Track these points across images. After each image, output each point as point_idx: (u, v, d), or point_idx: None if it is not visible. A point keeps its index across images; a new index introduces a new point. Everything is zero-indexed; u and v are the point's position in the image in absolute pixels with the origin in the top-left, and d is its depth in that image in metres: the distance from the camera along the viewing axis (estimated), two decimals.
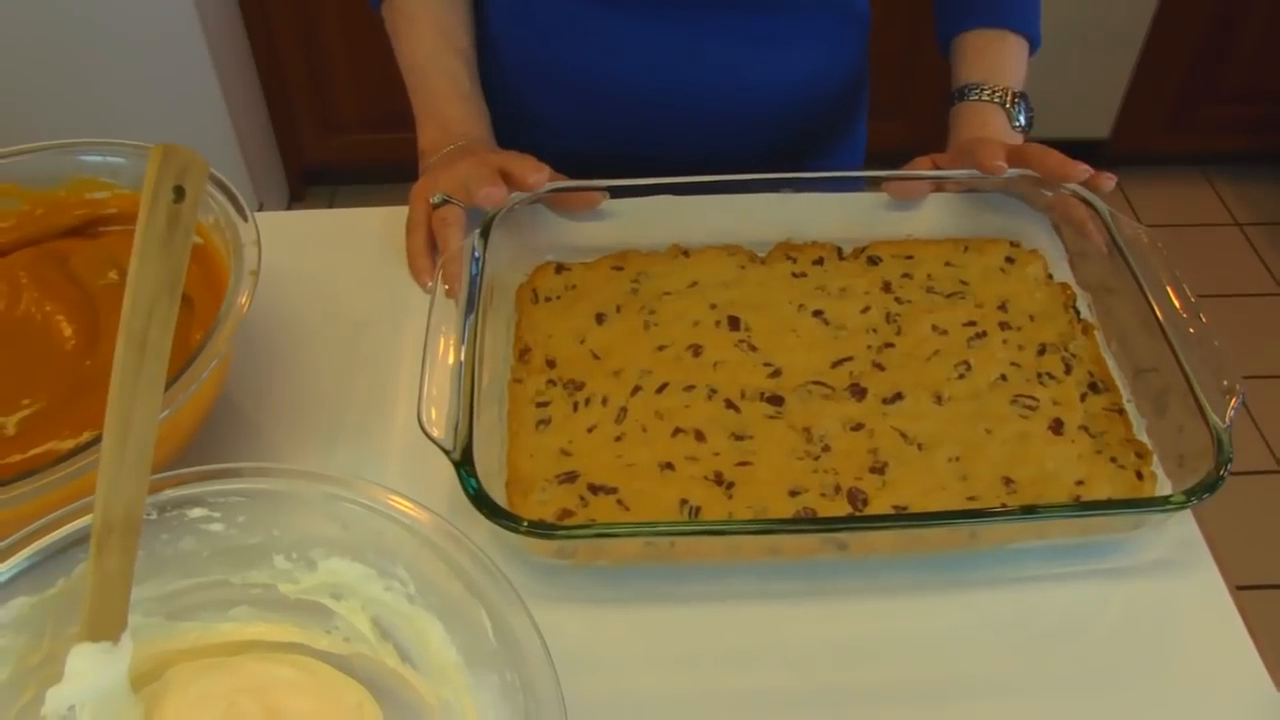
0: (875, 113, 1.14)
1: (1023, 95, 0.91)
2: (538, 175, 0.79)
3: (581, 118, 0.98)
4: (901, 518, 0.62)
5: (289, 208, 2.53)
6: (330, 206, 2.58)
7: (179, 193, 0.56)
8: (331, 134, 2.43)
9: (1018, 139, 0.90)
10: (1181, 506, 0.60)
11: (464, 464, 0.61)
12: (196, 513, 0.56)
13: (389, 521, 0.54)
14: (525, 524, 0.59)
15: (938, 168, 0.87)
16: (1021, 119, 0.90)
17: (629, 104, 0.96)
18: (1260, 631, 0.63)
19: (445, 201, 0.82)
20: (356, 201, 2.57)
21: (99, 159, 0.77)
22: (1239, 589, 0.65)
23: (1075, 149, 0.82)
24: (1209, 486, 0.61)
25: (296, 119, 2.39)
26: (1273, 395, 2.09)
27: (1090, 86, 2.30)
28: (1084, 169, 0.78)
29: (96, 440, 0.56)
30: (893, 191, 0.85)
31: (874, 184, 0.86)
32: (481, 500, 0.59)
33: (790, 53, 0.95)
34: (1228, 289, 2.29)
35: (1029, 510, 0.61)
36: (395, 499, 0.55)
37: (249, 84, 2.29)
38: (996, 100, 0.90)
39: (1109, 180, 0.78)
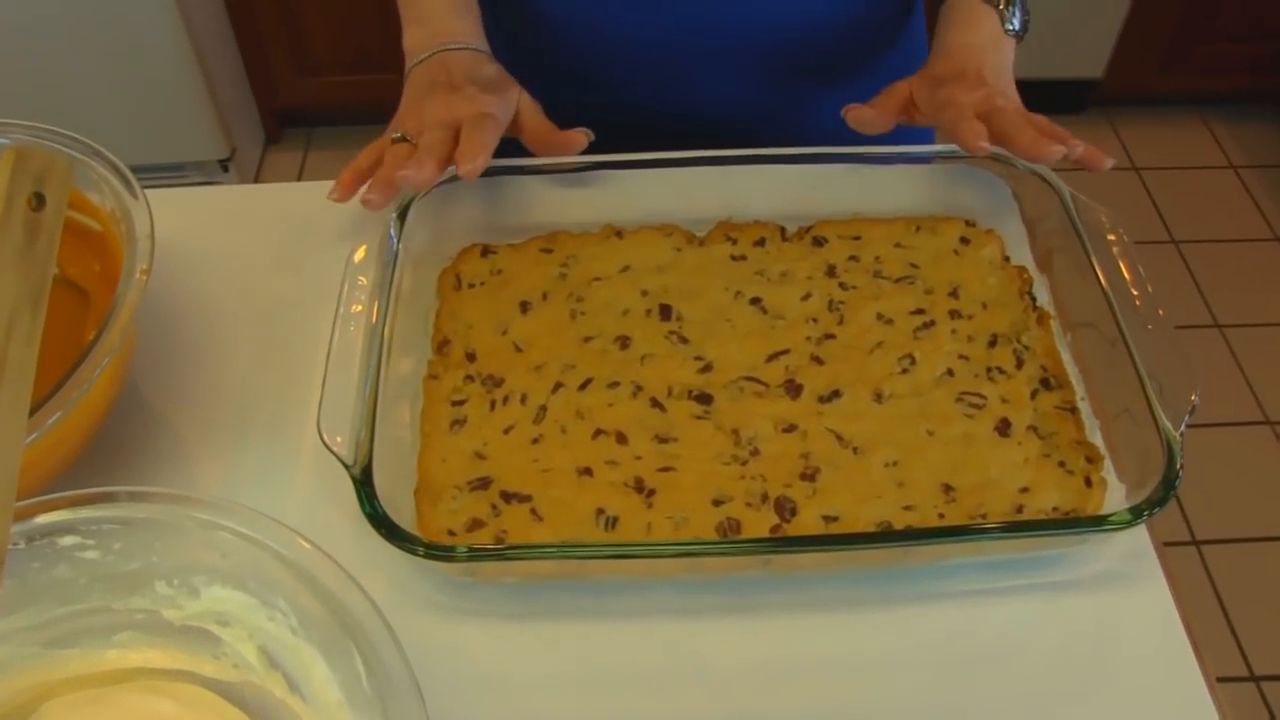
0: None
1: None
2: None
3: (582, 68, 0.93)
4: (823, 539, 0.58)
5: (265, 150, 2.49)
6: (307, 148, 2.54)
7: (40, 199, 0.51)
8: (305, 76, 2.37)
9: (1009, 45, 0.82)
10: (1126, 525, 0.56)
11: (363, 483, 0.57)
12: (69, 540, 0.52)
13: (264, 552, 0.50)
14: (424, 549, 0.55)
15: (913, 101, 0.79)
16: (1015, 22, 0.81)
17: (629, 52, 0.91)
18: (1226, 586, 0.60)
19: (404, 139, 0.76)
20: (333, 142, 2.55)
21: None
22: (1205, 542, 0.62)
23: (1068, 89, 0.76)
24: (1157, 502, 0.57)
25: (269, 62, 2.34)
26: (1264, 344, 2.05)
27: (1084, 25, 2.22)
28: (1058, 150, 0.69)
29: None
30: (852, 122, 0.79)
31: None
32: (379, 521, 0.56)
33: None
34: (1221, 234, 2.24)
35: (960, 531, 0.57)
36: (273, 526, 0.51)
37: (220, 27, 2.22)
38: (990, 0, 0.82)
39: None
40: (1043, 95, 2.10)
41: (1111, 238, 0.69)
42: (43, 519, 0.52)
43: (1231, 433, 1.92)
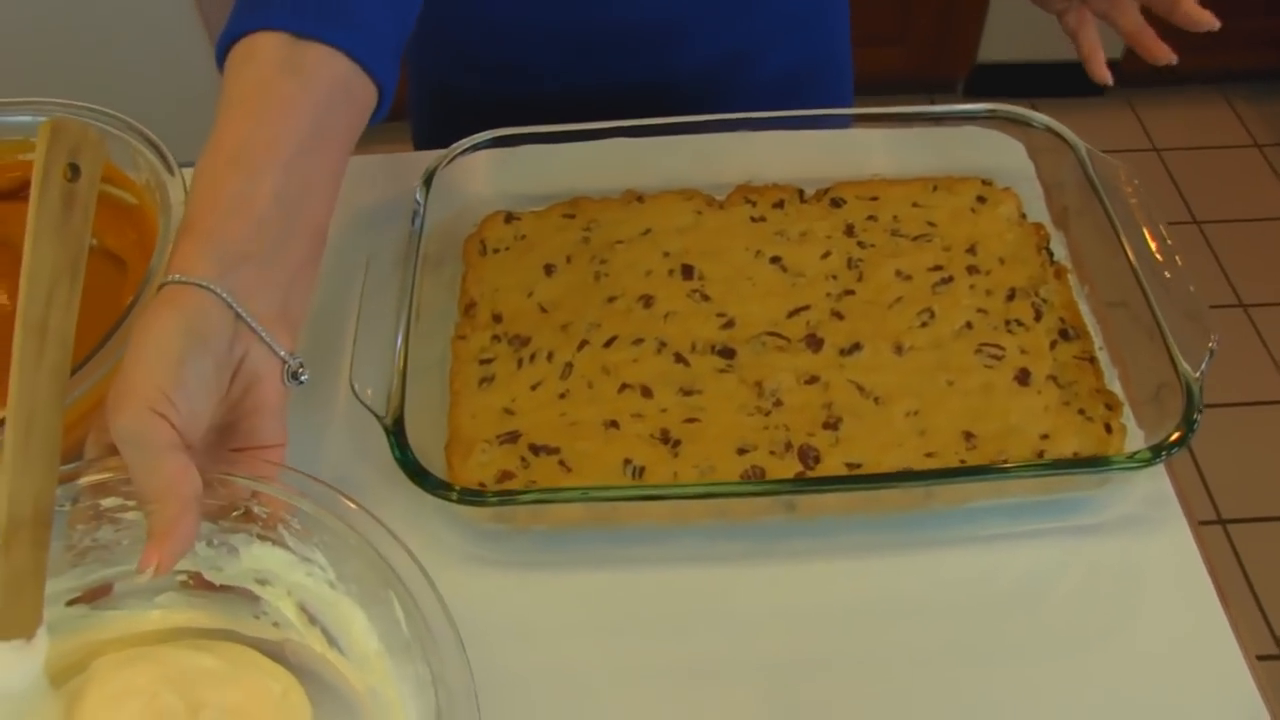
0: (869, 40, 1.09)
1: None
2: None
3: (528, 59, 0.92)
4: (849, 479, 0.59)
5: None
6: None
7: (75, 170, 0.53)
8: None
9: None
10: (1146, 464, 0.57)
11: (395, 431, 0.58)
12: (110, 501, 0.53)
13: (300, 506, 0.52)
14: (456, 494, 0.56)
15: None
16: None
17: (601, 38, 0.90)
18: (1253, 565, 0.60)
19: None
20: None
21: (29, 119, 0.74)
22: (1231, 521, 0.63)
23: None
24: (1177, 442, 0.57)
25: None
26: None
27: None
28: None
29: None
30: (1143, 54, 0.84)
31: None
32: (411, 467, 0.57)
33: None
34: (1245, 213, 2.22)
35: (983, 470, 0.58)
36: (307, 482, 0.52)
37: None
38: None
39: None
40: (1062, 76, 2.10)
41: (1128, 189, 0.69)
42: (85, 480, 0.53)
43: (1257, 412, 1.91)
